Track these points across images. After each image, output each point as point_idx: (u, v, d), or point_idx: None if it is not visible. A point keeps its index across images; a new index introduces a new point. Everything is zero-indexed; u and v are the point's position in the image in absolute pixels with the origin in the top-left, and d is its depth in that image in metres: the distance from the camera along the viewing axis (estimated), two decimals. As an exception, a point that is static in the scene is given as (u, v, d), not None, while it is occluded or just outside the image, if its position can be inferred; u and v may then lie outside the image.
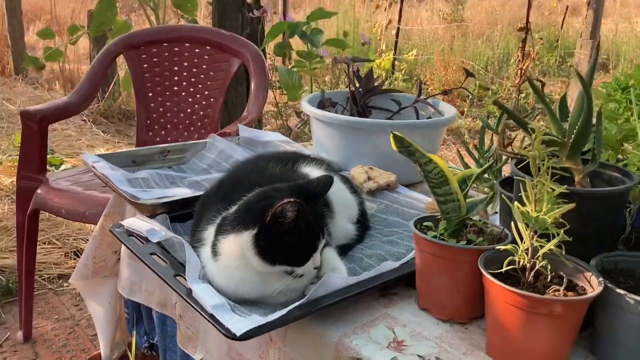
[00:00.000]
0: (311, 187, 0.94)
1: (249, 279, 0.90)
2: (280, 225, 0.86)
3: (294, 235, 0.86)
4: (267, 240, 0.86)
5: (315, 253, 0.90)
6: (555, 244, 0.77)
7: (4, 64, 6.21)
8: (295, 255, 0.88)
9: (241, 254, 0.89)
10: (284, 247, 0.87)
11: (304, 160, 1.16)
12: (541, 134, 0.77)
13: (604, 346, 0.81)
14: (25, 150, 1.93)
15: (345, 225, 1.11)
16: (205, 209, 1.03)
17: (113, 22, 2.76)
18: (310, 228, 0.89)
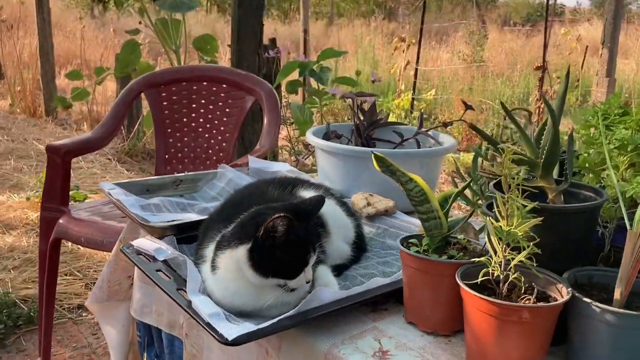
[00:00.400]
0: (303, 206, 1.01)
1: (244, 291, 0.96)
2: (272, 239, 0.92)
3: (285, 249, 0.93)
4: (260, 254, 0.93)
5: (306, 267, 0.96)
6: (527, 257, 0.82)
7: (36, 107, 6.49)
8: (287, 269, 0.94)
9: (237, 267, 0.95)
10: (276, 260, 0.93)
11: (302, 184, 1.23)
12: (510, 153, 0.84)
13: (578, 357, 0.85)
14: (50, 183, 2.04)
15: (340, 245, 1.17)
16: (208, 229, 1.10)
17: (137, 64, 2.91)
18: (301, 243, 0.95)
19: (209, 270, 1.00)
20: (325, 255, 1.10)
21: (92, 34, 10.16)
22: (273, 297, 0.95)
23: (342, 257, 1.18)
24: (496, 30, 12.55)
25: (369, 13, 17.89)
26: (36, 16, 5.89)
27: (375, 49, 9.29)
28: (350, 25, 13.47)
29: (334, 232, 1.16)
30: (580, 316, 0.82)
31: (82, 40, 6.96)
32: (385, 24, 13.75)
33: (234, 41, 2.89)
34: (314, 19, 17.08)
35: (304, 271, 0.96)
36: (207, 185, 1.63)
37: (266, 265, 0.93)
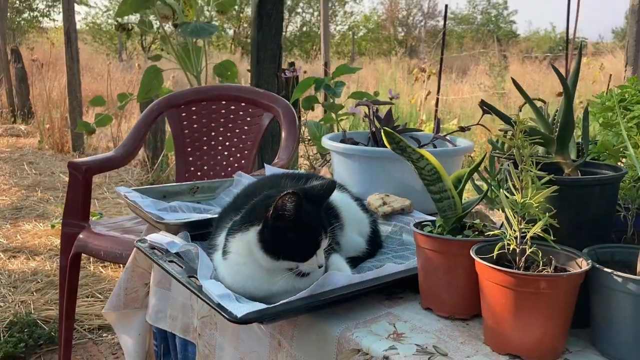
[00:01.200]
0: (315, 190, 1.00)
1: (255, 275, 0.95)
2: (282, 218, 0.91)
3: (295, 229, 0.91)
4: (270, 235, 0.92)
5: (318, 250, 0.94)
6: (545, 231, 0.80)
7: (63, 143, 6.63)
8: (298, 251, 0.93)
9: (248, 250, 0.94)
10: (287, 241, 0.92)
11: (316, 178, 1.22)
12: (523, 123, 0.82)
13: (601, 333, 0.81)
14: (71, 199, 2.06)
15: (354, 237, 1.16)
16: (221, 220, 1.10)
17: (159, 90, 2.97)
18: (312, 224, 0.94)
19: (220, 257, 0.99)
20: (339, 246, 1.09)
21: (119, 75, 10.44)
22: (284, 279, 0.93)
23: (357, 250, 1.16)
24: (517, 62, 12.57)
25: (390, 51, 18.11)
26: (65, 54, 6.08)
27: (397, 82, 9.36)
28: (372, 63, 13.63)
29: (348, 225, 1.15)
30: (601, 288, 0.78)
31: (109, 76, 7.14)
32: (406, 60, 13.88)
33: (253, 65, 2.94)
34: (336, 58, 17.32)
35: (315, 254, 0.94)
36: (224, 192, 1.63)
37: (277, 246, 0.92)
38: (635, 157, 0.89)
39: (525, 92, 0.90)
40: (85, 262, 3.07)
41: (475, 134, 5.62)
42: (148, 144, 5.20)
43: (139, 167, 5.42)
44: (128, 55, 16.40)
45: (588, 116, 0.91)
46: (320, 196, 0.99)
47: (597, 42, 17.17)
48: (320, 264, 0.95)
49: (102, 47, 18.36)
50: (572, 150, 0.99)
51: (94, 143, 6.72)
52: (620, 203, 0.95)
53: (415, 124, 6.55)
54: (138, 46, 16.57)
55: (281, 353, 1.01)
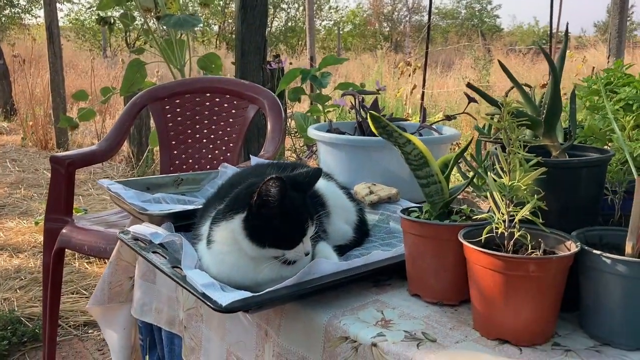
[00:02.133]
0: (300, 177, 0.98)
1: (240, 264, 0.93)
2: (266, 205, 0.89)
3: (281, 216, 0.90)
4: (255, 223, 0.90)
5: (305, 237, 0.92)
6: (533, 214, 0.79)
7: (47, 140, 6.55)
8: (283, 238, 0.91)
9: (232, 239, 0.92)
10: (272, 229, 0.90)
11: (302, 167, 1.20)
12: (510, 105, 0.81)
13: (590, 316, 0.80)
14: (54, 193, 2.03)
15: (341, 225, 1.14)
16: (205, 210, 1.08)
17: (142, 83, 2.93)
18: (298, 211, 0.92)
19: (205, 247, 0.98)
20: (326, 235, 1.07)
21: (103, 71, 10.33)
22: (269, 267, 0.91)
23: (344, 238, 1.14)
24: (501, 56, 12.62)
25: (376, 46, 18.10)
26: (47, 50, 5.99)
27: (383, 76, 9.35)
28: (357, 58, 13.61)
29: (334, 213, 1.13)
30: (590, 270, 0.78)
31: (92, 72, 7.06)
32: (392, 55, 13.87)
33: (237, 57, 2.91)
34: (321, 54, 17.29)
35: (302, 242, 0.92)
36: (209, 184, 1.61)
37: (262, 234, 0.90)
38: (622, 139, 0.88)
39: (512, 76, 0.89)
40: (70, 258, 3.03)
41: (461, 126, 5.64)
42: (133, 140, 5.15)
43: (124, 163, 5.37)
44: (112, 52, 16.23)
45: (575, 99, 0.90)
46: (305, 183, 0.97)
47: (580, 36, 17.30)
48: (307, 251, 0.93)
49: (85, 43, 18.15)
50: (560, 134, 0.98)
51: (79, 139, 6.65)
52: (607, 186, 0.95)
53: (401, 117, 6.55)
54: (122, 42, 16.42)
55: (268, 343, 0.99)
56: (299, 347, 0.93)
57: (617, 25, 4.55)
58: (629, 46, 11.14)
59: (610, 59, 4.26)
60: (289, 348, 0.94)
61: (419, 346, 0.79)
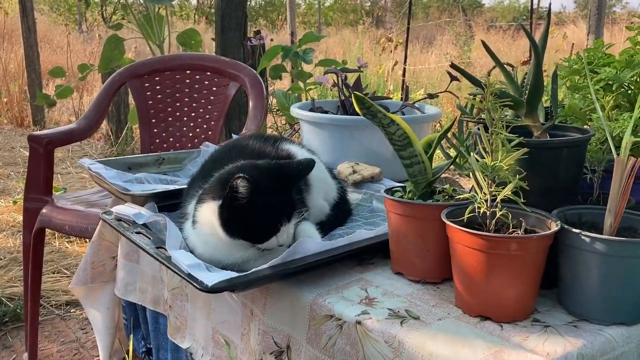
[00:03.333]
0: (291, 167, 0.98)
1: (222, 246, 0.93)
2: (236, 200, 0.90)
3: (252, 212, 0.90)
4: (228, 214, 0.91)
5: (278, 233, 0.92)
6: (513, 191, 0.80)
7: (23, 117, 6.43)
8: (253, 233, 0.91)
9: (212, 221, 0.93)
10: (243, 223, 0.91)
11: (286, 141, 1.20)
12: (493, 86, 0.82)
13: (569, 293, 0.82)
14: (32, 173, 2.00)
15: (319, 202, 1.15)
16: (190, 187, 1.08)
17: (120, 60, 2.89)
18: (271, 208, 0.92)
19: (191, 226, 0.98)
20: (308, 213, 1.08)
21: (79, 46, 10.12)
22: (248, 254, 0.92)
23: (321, 213, 1.15)
24: (482, 32, 12.62)
25: (357, 21, 17.96)
26: (20, 24, 5.84)
27: (364, 52, 9.30)
28: (338, 33, 13.50)
29: (315, 187, 1.13)
30: (569, 248, 0.80)
31: (68, 47, 6.92)
32: (373, 30, 13.78)
33: (217, 33, 2.86)
34: (302, 28, 17.10)
35: (275, 236, 0.92)
36: (191, 163, 1.60)
37: (233, 225, 0.91)
38: (603, 119, 0.90)
39: (495, 55, 0.90)
40: (50, 237, 3.00)
41: (442, 103, 5.66)
42: (111, 118, 5.07)
43: (103, 141, 5.30)
44: (88, 27, 15.87)
45: (557, 79, 0.91)
46: (294, 175, 0.97)
47: (560, 12, 17.35)
48: (280, 243, 0.93)
49: (60, 17, 17.71)
50: (541, 113, 0.99)
51: (56, 117, 6.53)
52: (586, 165, 0.96)
53: (383, 94, 6.54)
54: (98, 17, 16.06)
55: (254, 321, 1.00)
56: (285, 326, 0.94)
57: (596, 2, 4.57)
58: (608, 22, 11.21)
59: (589, 35, 4.29)
60: (274, 326, 0.95)
61: (402, 323, 0.80)
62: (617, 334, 0.77)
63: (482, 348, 0.73)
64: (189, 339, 1.20)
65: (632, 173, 0.77)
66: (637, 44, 1.05)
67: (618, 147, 0.85)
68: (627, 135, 0.78)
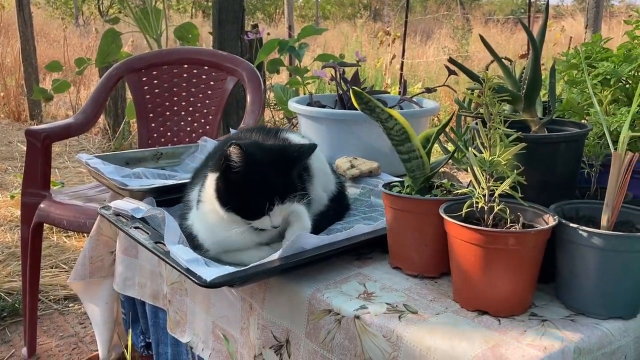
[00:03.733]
0: (292, 149, 0.98)
1: (220, 223, 0.95)
2: (230, 170, 0.90)
3: (244, 185, 0.91)
4: (223, 184, 0.92)
5: (271, 212, 0.92)
6: (510, 186, 0.80)
7: (20, 111, 6.41)
8: (246, 208, 0.92)
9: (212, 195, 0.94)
10: (237, 196, 0.91)
11: (288, 132, 1.21)
12: (491, 81, 0.82)
13: (566, 287, 0.83)
14: (30, 167, 1.99)
15: (319, 192, 1.15)
16: (194, 178, 1.09)
17: (117, 54, 2.88)
18: (265, 184, 0.92)
19: (195, 209, 0.99)
20: (309, 201, 1.08)
21: (76, 40, 10.08)
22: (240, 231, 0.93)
23: (319, 204, 1.16)
24: (480, 25, 12.60)
25: (355, 15, 17.92)
26: (17, 18, 5.82)
27: (362, 46, 9.29)
28: (336, 27, 13.46)
29: (316, 177, 1.14)
30: (567, 243, 0.80)
31: (65, 41, 6.89)
32: (370, 24, 13.76)
33: (215, 27, 2.85)
34: (300, 22, 17.06)
35: (268, 215, 0.93)
36: (189, 158, 1.60)
37: (227, 197, 0.92)
38: (601, 114, 0.90)
39: (493, 50, 0.90)
40: (48, 232, 3.00)
41: (440, 97, 5.65)
42: (109, 112, 5.06)
43: (100, 135, 5.29)
44: (85, 20, 15.82)
45: (555, 73, 0.91)
46: (295, 157, 0.97)
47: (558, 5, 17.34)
48: (274, 225, 0.94)
49: (56, 11, 17.64)
50: (539, 108, 0.99)
51: (53, 111, 6.52)
52: (584, 160, 0.97)
53: (381, 88, 6.53)
54: (95, 10, 16.00)
55: (253, 316, 1.01)
56: (284, 320, 0.94)
57: (594, -5, 4.56)
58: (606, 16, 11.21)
59: (587, 29, 4.29)
60: (273, 321, 0.96)
61: (400, 318, 0.81)
62: (614, 328, 0.78)
63: (479, 342, 0.74)
64: (188, 333, 1.20)
65: (629, 167, 0.77)
66: (635, 38, 1.05)
67: (616, 141, 0.85)
68: (624, 129, 0.78)
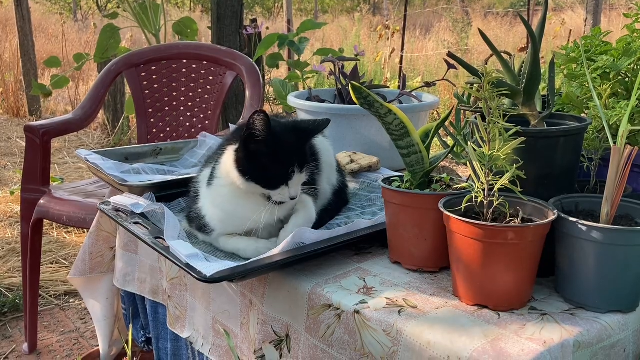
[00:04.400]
0: (304, 124, 1.00)
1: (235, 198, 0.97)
2: (253, 138, 0.92)
3: (265, 153, 0.92)
4: (244, 152, 0.93)
5: (290, 181, 0.94)
6: (510, 180, 0.80)
7: (19, 107, 6.40)
8: (265, 176, 0.93)
9: (227, 171, 0.96)
10: (256, 164, 0.93)
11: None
12: (490, 75, 0.81)
13: (565, 281, 0.83)
14: (29, 164, 1.99)
15: (324, 185, 1.16)
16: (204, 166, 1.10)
17: (116, 49, 2.87)
18: (284, 153, 0.94)
19: (205, 188, 1.01)
20: (317, 193, 1.09)
21: (75, 35, 10.05)
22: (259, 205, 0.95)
23: (323, 196, 1.16)
24: (480, 18, 12.58)
25: (354, 8, 17.87)
26: (15, 13, 5.80)
27: (361, 40, 9.27)
28: (335, 21, 13.43)
29: (324, 170, 1.15)
30: (567, 237, 0.80)
31: (63, 36, 6.87)
32: (370, 18, 13.73)
33: (213, 22, 2.85)
34: (299, 16, 17.01)
35: (287, 185, 0.94)
36: (188, 153, 1.60)
37: (247, 166, 0.93)
38: (600, 108, 0.90)
39: (492, 44, 0.89)
40: (48, 228, 3.00)
41: (439, 91, 5.65)
42: (108, 107, 5.05)
43: (100, 130, 5.29)
44: (83, 15, 15.79)
45: (554, 67, 0.91)
46: (309, 130, 0.99)
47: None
48: (292, 196, 0.95)
49: (55, 6, 17.58)
50: (538, 102, 0.99)
51: (52, 107, 6.51)
52: (583, 153, 0.97)
53: (380, 82, 6.52)
54: (93, 5, 15.96)
55: (253, 311, 1.01)
56: (284, 315, 0.94)
57: (594, -13, 4.55)
58: (606, 8, 11.18)
59: (587, 22, 4.28)
60: (273, 316, 0.96)
61: (400, 312, 0.81)
62: (613, 321, 0.78)
63: (479, 336, 0.74)
64: (188, 328, 1.20)
65: (628, 161, 0.77)
66: (635, 31, 1.05)
67: (615, 135, 0.85)
68: (623, 123, 0.78)
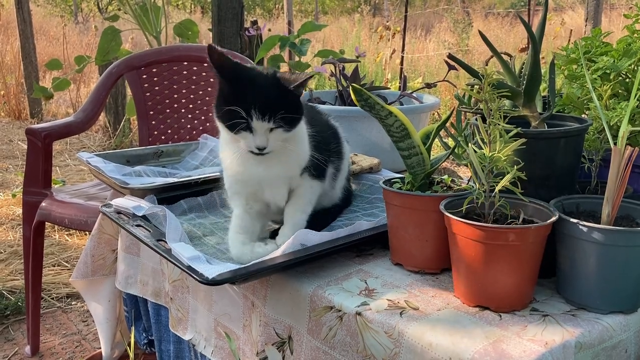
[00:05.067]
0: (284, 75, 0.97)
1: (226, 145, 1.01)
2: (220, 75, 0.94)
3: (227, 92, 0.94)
4: (218, 92, 0.97)
5: (253, 127, 0.92)
6: (511, 181, 0.80)
7: (20, 109, 6.41)
8: (227, 115, 0.93)
9: None
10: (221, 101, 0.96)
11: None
12: (491, 77, 0.82)
13: (566, 281, 0.83)
14: (31, 166, 2.00)
15: (339, 185, 1.17)
16: None
17: (117, 52, 2.87)
18: (244, 92, 0.92)
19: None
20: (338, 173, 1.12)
21: (76, 37, 10.07)
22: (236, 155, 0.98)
23: (333, 198, 1.17)
24: (480, 19, 12.58)
25: (354, 9, 17.88)
26: (16, 16, 5.81)
27: (362, 41, 9.27)
28: (336, 22, 13.44)
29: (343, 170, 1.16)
30: (568, 238, 0.80)
31: (64, 38, 6.88)
32: (370, 19, 13.73)
33: (214, 24, 2.85)
34: (299, 18, 17.01)
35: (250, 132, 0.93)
36: (190, 155, 1.60)
37: (216, 103, 0.96)
38: (600, 109, 0.90)
39: (492, 45, 0.89)
40: (50, 230, 3.01)
41: (440, 92, 5.65)
42: (109, 109, 5.06)
43: (101, 132, 5.29)
44: (84, 17, 15.80)
45: (554, 68, 0.91)
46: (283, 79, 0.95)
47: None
48: (257, 145, 0.93)
49: (55, 9, 17.61)
50: (539, 103, 0.99)
51: (53, 109, 6.52)
52: (584, 154, 0.97)
53: (381, 83, 6.52)
54: (94, 8, 15.97)
55: (255, 313, 1.01)
56: (285, 317, 0.95)
57: (594, -13, 4.55)
58: (607, 8, 11.18)
59: (587, 22, 4.28)
60: (275, 318, 0.96)
61: (402, 314, 0.81)
62: (614, 322, 0.78)
63: (480, 338, 0.74)
64: (190, 330, 1.21)
65: (629, 162, 0.77)
66: (635, 32, 1.05)
67: (615, 136, 0.86)
68: (624, 124, 0.78)
